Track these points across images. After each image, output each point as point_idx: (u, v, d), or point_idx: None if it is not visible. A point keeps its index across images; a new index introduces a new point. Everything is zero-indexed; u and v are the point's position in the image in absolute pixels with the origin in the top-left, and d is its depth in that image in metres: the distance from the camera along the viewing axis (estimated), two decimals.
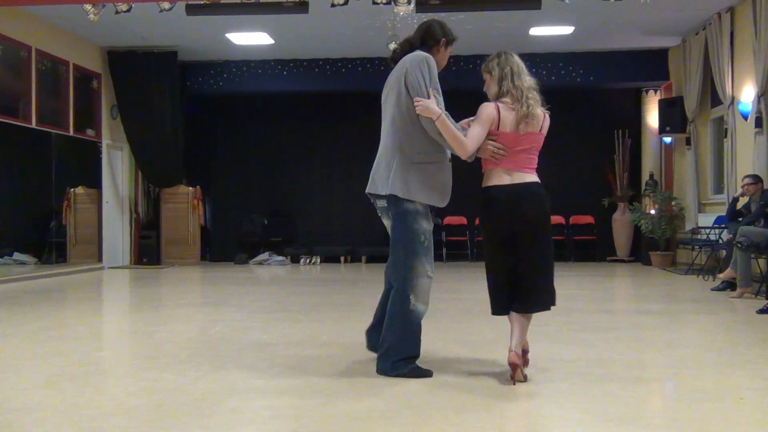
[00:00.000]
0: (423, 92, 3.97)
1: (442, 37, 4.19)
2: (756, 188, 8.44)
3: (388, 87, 4.17)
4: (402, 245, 4.04)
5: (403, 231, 4.03)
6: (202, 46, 12.57)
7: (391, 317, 4.09)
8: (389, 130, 4.10)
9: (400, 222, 4.03)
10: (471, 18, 10.52)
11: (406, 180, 3.98)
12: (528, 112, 3.95)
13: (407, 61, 4.05)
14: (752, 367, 4.40)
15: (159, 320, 6.63)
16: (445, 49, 4.23)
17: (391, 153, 4.05)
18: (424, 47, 4.15)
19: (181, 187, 13.54)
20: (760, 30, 9.16)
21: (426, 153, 4.03)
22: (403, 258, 4.04)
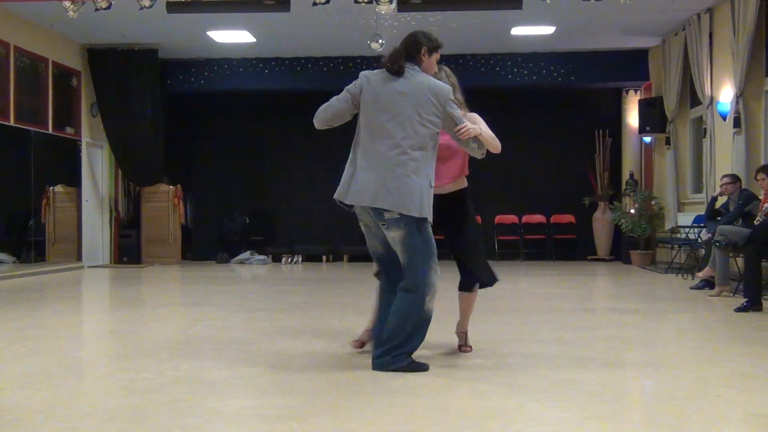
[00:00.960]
0: (461, 120, 4.22)
1: (424, 45, 4.28)
2: (734, 188, 8.52)
3: (399, 100, 4.15)
4: (420, 253, 4.17)
5: (420, 241, 4.16)
6: (183, 44, 12.50)
7: (404, 316, 4.16)
8: (415, 150, 4.12)
9: (417, 234, 4.15)
10: (453, 18, 10.54)
11: (428, 202, 4.16)
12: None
13: (438, 92, 4.17)
14: (730, 365, 4.44)
15: (139, 320, 6.58)
16: (429, 57, 4.31)
17: (409, 174, 4.11)
18: (409, 57, 4.26)
19: (162, 185, 13.45)
20: (739, 31, 9.25)
21: (432, 178, 4.23)
22: (420, 264, 4.16)
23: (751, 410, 3.41)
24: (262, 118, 14.39)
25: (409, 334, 4.17)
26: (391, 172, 4.11)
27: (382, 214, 4.14)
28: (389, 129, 4.15)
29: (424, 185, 4.13)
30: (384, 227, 4.18)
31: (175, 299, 8.52)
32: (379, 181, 4.13)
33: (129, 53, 12.77)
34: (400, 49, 4.28)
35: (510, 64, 12.84)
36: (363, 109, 4.29)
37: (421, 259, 4.17)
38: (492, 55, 12.78)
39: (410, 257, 4.17)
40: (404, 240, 4.14)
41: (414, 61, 4.25)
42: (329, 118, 4.43)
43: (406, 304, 4.18)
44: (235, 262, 13.45)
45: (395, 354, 4.13)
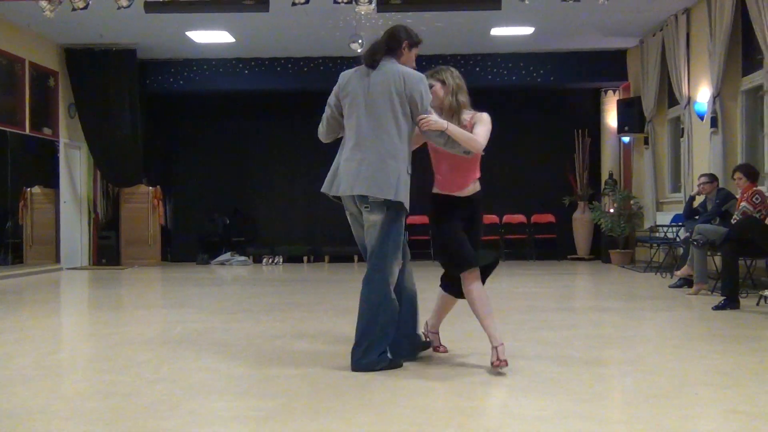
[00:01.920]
0: (426, 110, 4.22)
1: (405, 40, 4.33)
2: (712, 187, 8.59)
3: (373, 92, 4.25)
4: (392, 241, 4.26)
5: (396, 230, 4.28)
6: (161, 44, 12.42)
7: (374, 308, 4.20)
8: (379, 136, 4.23)
9: (395, 222, 4.27)
10: (433, 18, 10.55)
11: (404, 188, 4.26)
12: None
13: (406, 78, 4.21)
14: (707, 362, 4.48)
15: (117, 322, 6.53)
16: (409, 51, 4.35)
17: (385, 159, 4.21)
18: (389, 51, 4.30)
19: (141, 186, 13.36)
20: (715, 32, 9.34)
21: (410, 164, 4.32)
22: (391, 252, 4.24)
23: (729, 407, 3.44)
24: (242, 118, 14.33)
25: (382, 327, 4.19)
26: (367, 158, 4.22)
27: (366, 197, 4.23)
28: (365, 119, 4.25)
29: (402, 170, 4.22)
30: (366, 210, 4.26)
31: (154, 301, 8.47)
32: (357, 168, 4.24)
33: (107, 53, 12.67)
34: (380, 42, 4.34)
35: (490, 64, 12.88)
36: (344, 107, 4.38)
37: (393, 250, 4.25)
38: (472, 55, 12.81)
39: (383, 243, 4.23)
40: (383, 224, 4.23)
41: (394, 55, 4.31)
42: (326, 132, 4.61)
43: (374, 294, 4.23)
44: (215, 264, 13.38)
45: (379, 352, 4.15)
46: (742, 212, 7.32)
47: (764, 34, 8.06)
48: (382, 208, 4.22)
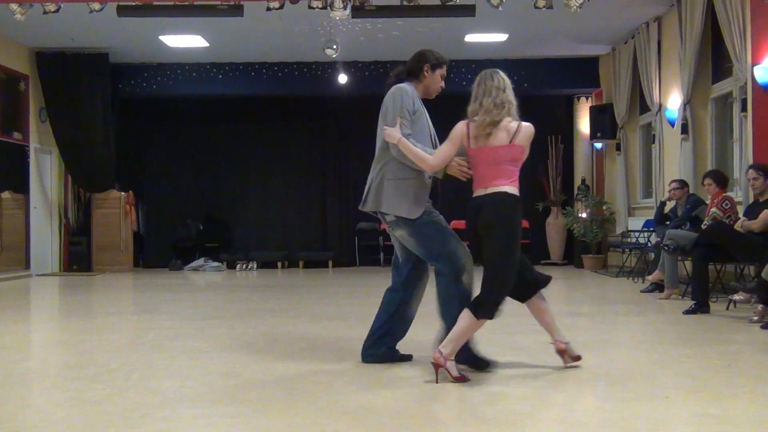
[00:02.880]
0: (390, 121, 4.34)
1: (425, 63, 4.51)
2: (682, 192, 8.70)
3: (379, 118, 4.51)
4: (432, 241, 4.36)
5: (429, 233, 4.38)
6: (134, 48, 12.33)
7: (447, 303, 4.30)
8: (378, 156, 4.49)
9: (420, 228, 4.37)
10: (407, 25, 10.59)
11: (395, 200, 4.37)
12: (482, 125, 4.14)
13: (388, 94, 4.44)
14: (678, 366, 4.53)
15: (89, 329, 6.45)
16: (432, 73, 4.53)
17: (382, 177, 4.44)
18: (410, 76, 4.52)
19: (113, 191, 13.22)
20: (686, 40, 9.47)
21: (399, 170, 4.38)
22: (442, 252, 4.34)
23: (699, 410, 3.48)
24: (216, 123, 14.25)
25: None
26: (373, 178, 4.49)
27: (384, 216, 4.46)
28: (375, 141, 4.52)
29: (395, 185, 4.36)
30: (389, 228, 4.49)
31: (126, 307, 8.39)
32: (367, 188, 4.53)
33: (79, 57, 12.54)
34: (401, 68, 4.57)
35: (464, 70, 12.92)
36: None
37: (438, 245, 4.33)
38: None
39: (424, 248, 4.37)
40: (411, 236, 4.37)
41: (415, 79, 4.51)
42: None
43: (443, 290, 4.33)
44: (188, 270, 13.28)
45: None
46: (712, 218, 7.42)
47: (733, 42, 8.19)
48: (398, 223, 4.38)
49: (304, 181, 14.28)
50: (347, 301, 8.32)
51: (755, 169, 6.96)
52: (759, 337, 5.56)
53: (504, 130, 4.14)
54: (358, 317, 6.83)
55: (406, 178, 4.36)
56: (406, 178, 4.36)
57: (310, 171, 14.30)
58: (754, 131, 7.93)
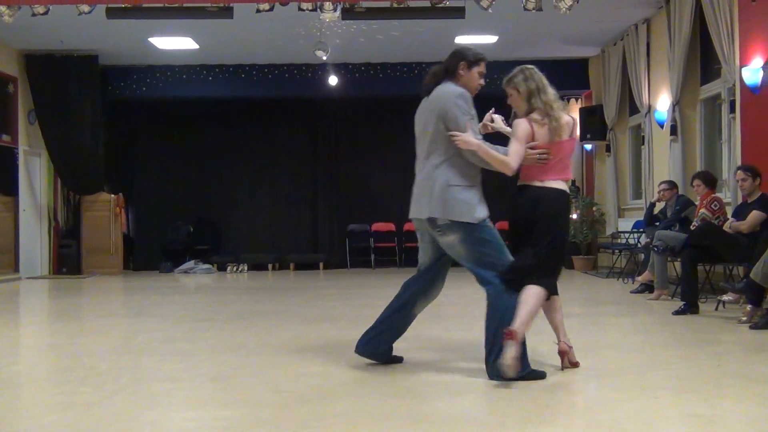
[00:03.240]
0: (461, 127, 4.20)
1: (461, 61, 4.39)
2: (671, 193, 8.73)
3: (423, 119, 4.38)
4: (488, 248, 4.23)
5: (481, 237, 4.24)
6: (124, 50, 12.29)
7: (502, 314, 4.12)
8: (428, 159, 4.32)
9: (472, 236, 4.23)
10: (397, 26, 10.60)
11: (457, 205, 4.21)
12: (557, 125, 4.25)
13: (442, 97, 4.29)
14: (667, 366, 4.54)
15: (78, 332, 6.43)
16: (469, 70, 4.40)
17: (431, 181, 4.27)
18: (447, 74, 4.38)
19: (103, 194, 13.17)
20: (674, 42, 9.51)
21: (473, 177, 4.29)
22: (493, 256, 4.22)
23: (687, 410, 3.50)
24: (206, 125, 14.22)
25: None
26: (421, 184, 4.34)
27: (434, 221, 4.25)
28: (420, 145, 4.40)
29: (453, 189, 4.21)
30: (439, 233, 4.28)
31: (116, 310, 8.36)
32: (417, 193, 4.37)
33: (68, 59, 12.49)
34: (438, 67, 4.45)
35: None
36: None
37: (495, 253, 4.22)
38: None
39: (477, 255, 4.22)
40: (462, 243, 4.23)
41: (452, 78, 4.37)
42: None
43: (498, 301, 4.17)
44: (178, 272, 13.24)
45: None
46: (701, 219, 7.45)
47: (722, 44, 8.23)
48: (452, 228, 4.22)
49: (294, 184, 14.26)
50: (338, 304, 8.31)
51: (743, 170, 6.99)
52: (748, 337, 5.59)
53: (563, 127, 4.28)
54: (350, 319, 6.83)
55: (471, 186, 4.25)
56: (471, 185, 4.25)
57: (301, 173, 14.29)
58: (743, 132, 7.97)
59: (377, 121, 13.94)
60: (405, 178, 4.51)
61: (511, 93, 4.42)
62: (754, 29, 7.74)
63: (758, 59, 7.63)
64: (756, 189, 6.92)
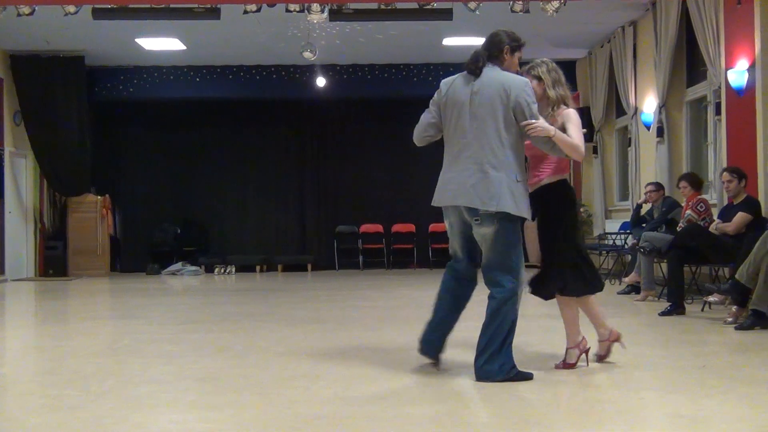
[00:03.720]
0: (535, 115, 4.16)
1: (506, 45, 4.33)
2: (658, 195, 8.76)
3: (476, 101, 4.18)
4: (514, 254, 4.21)
5: (514, 241, 4.22)
6: (110, 51, 12.23)
7: (503, 319, 4.13)
8: (482, 145, 4.15)
9: (510, 233, 4.18)
10: (385, 28, 10.60)
11: (510, 197, 4.11)
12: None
13: (510, 85, 4.17)
14: (653, 367, 4.57)
15: (64, 334, 6.39)
16: (511, 56, 4.36)
17: (487, 169, 4.13)
18: (491, 58, 4.29)
19: (89, 195, 13.09)
20: (661, 44, 9.56)
21: (523, 173, 4.26)
22: (515, 265, 4.20)
23: (672, 411, 3.51)
24: (194, 126, 14.17)
25: (505, 336, 4.13)
26: (470, 169, 4.16)
27: (475, 210, 4.13)
28: (470, 129, 4.18)
29: (506, 179, 4.10)
30: (476, 223, 4.15)
31: (102, 312, 8.32)
32: (461, 180, 4.18)
33: (54, 60, 12.42)
34: (481, 49, 4.32)
35: (443, 74, 12.84)
36: (445, 116, 4.31)
37: (516, 259, 4.20)
38: (425, 65, 12.89)
39: (504, 256, 4.17)
40: (496, 236, 4.14)
41: (496, 61, 4.28)
42: (420, 132, 4.47)
43: (503, 305, 4.15)
44: (166, 274, 13.18)
45: (502, 361, 4.07)
46: (687, 220, 7.49)
47: (707, 46, 8.28)
48: (493, 220, 4.11)
49: (282, 185, 14.23)
50: (326, 305, 8.30)
51: (729, 172, 7.03)
52: (733, 338, 5.62)
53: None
54: (337, 321, 6.83)
55: (517, 176, 4.16)
56: (518, 175, 4.17)
57: (289, 174, 14.26)
58: (728, 134, 8.02)
59: (365, 122, 13.94)
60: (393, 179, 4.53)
61: (530, 80, 4.38)
62: (739, 32, 7.79)
63: (743, 62, 7.68)
64: (741, 191, 6.96)
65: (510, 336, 4.14)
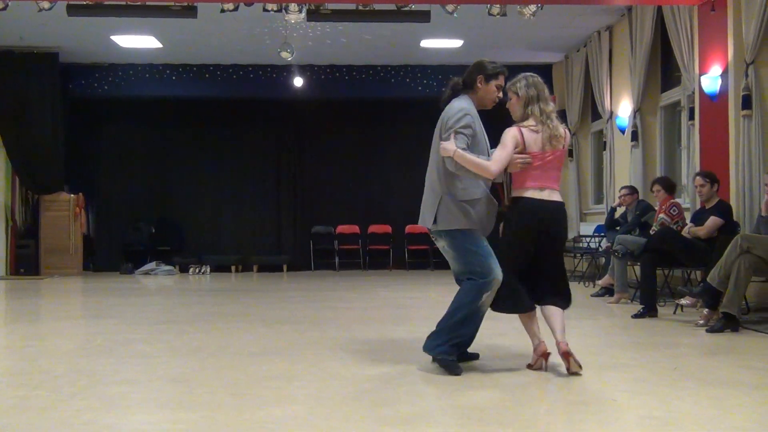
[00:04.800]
0: (445, 136, 4.41)
1: (479, 75, 4.53)
2: (632, 198, 8.85)
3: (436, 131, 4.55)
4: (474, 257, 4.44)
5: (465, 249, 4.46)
6: (85, 48, 12.12)
7: (456, 303, 4.45)
8: (429, 171, 4.58)
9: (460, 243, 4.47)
10: (363, 29, 10.60)
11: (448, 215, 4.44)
12: (553, 134, 4.36)
13: (446, 112, 4.48)
14: (626, 369, 4.60)
15: (34, 334, 6.31)
16: (486, 84, 4.54)
17: (428, 191, 4.56)
18: (466, 87, 4.56)
19: (62, 193, 12.97)
20: (636, 49, 9.66)
21: (467, 191, 4.44)
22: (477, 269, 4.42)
23: (644, 413, 3.54)
24: (169, 125, 14.08)
25: (456, 323, 4.39)
26: (424, 193, 4.60)
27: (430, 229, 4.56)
28: (432, 155, 4.60)
29: (442, 200, 4.43)
30: (434, 239, 4.61)
31: (74, 312, 8.22)
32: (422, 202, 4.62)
33: (27, 56, 12.29)
34: (457, 80, 4.61)
35: (420, 75, 13.00)
36: None
37: (477, 259, 4.40)
38: (402, 66, 12.91)
39: (464, 264, 4.46)
40: (450, 248, 4.50)
41: (470, 91, 4.55)
42: None
43: (462, 293, 4.46)
44: (139, 273, 13.08)
45: (438, 343, 4.39)
46: (660, 223, 7.56)
47: (682, 52, 8.38)
48: (441, 235, 4.49)
49: (258, 185, 14.18)
50: (301, 306, 8.27)
51: (702, 177, 7.12)
52: (704, 340, 5.68)
53: (559, 137, 4.39)
54: (312, 322, 6.81)
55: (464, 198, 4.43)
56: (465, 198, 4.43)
57: (265, 174, 14.21)
58: (701, 139, 8.12)
59: (342, 123, 13.93)
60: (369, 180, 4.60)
61: (511, 97, 4.50)
62: (713, 38, 7.89)
63: (717, 67, 7.78)
64: (714, 195, 7.04)
65: (457, 325, 4.39)
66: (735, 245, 5.98)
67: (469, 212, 4.42)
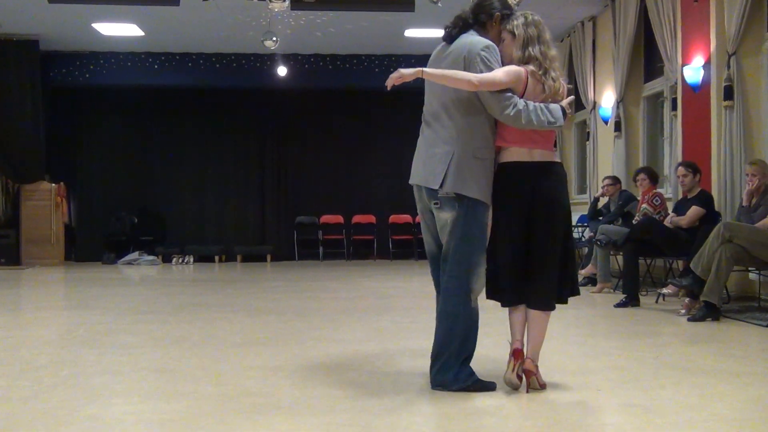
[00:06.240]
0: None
1: (497, 11, 3.72)
2: (615, 189, 8.89)
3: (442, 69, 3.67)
4: (474, 243, 3.61)
5: (476, 228, 3.61)
6: (66, 36, 11.99)
7: (449, 319, 3.67)
8: (437, 119, 3.69)
9: (471, 219, 3.59)
10: (347, 18, 10.56)
11: (467, 176, 3.57)
12: (558, 85, 3.64)
13: (466, 48, 3.63)
14: (608, 358, 4.63)
15: (15, 324, 6.26)
16: (500, 24, 3.72)
17: (436, 145, 3.65)
18: (476, 24, 3.73)
19: (43, 183, 12.85)
20: (619, 40, 9.68)
21: (486, 148, 3.63)
22: (474, 256, 3.62)
23: (626, 401, 3.57)
24: (151, 114, 13.98)
25: (461, 341, 3.67)
26: (427, 144, 3.70)
27: (435, 192, 3.62)
28: (430, 100, 3.76)
29: (463, 156, 3.57)
30: (436, 207, 3.64)
31: (56, 302, 8.16)
32: (420, 156, 3.75)
33: (6, 44, 12.14)
34: (467, 12, 3.76)
35: (404, 65, 12.88)
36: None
37: (476, 250, 3.62)
38: (387, 56, 12.87)
39: (459, 245, 3.60)
40: (454, 222, 3.59)
41: (482, 29, 3.73)
42: None
43: (450, 304, 3.67)
44: (122, 263, 13.00)
45: (454, 370, 3.65)
46: (642, 213, 7.61)
47: (665, 42, 8.41)
48: (453, 204, 3.58)
49: (242, 174, 14.12)
50: (285, 296, 8.26)
51: (684, 167, 7.16)
52: (686, 329, 5.74)
53: (559, 92, 3.67)
54: (296, 312, 6.80)
55: (488, 158, 3.61)
56: (488, 157, 3.62)
57: (249, 164, 14.16)
58: (684, 130, 8.16)
59: (326, 112, 13.88)
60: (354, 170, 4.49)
61: (504, 37, 3.70)
62: (695, 29, 7.92)
63: (699, 58, 7.82)
64: (696, 185, 7.09)
65: (463, 342, 3.68)
66: (717, 234, 6.02)
67: (484, 177, 3.60)
